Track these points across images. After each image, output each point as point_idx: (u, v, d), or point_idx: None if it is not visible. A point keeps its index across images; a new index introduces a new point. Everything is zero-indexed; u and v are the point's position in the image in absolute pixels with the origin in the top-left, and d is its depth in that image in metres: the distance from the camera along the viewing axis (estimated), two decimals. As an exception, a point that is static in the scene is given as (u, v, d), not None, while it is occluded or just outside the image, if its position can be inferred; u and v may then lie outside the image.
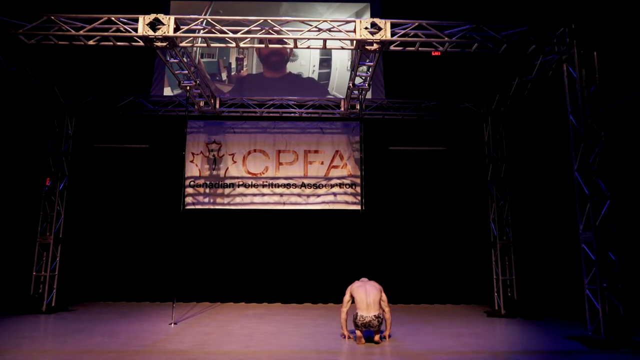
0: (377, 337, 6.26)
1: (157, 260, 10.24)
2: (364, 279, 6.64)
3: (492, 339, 6.75)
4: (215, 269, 10.36)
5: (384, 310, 6.33)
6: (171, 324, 7.62)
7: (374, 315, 6.17)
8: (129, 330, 7.10)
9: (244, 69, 10.92)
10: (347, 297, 6.43)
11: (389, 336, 6.50)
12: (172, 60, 7.96)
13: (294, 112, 10.23)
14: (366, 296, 6.26)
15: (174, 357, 5.44)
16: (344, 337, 6.55)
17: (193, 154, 10.41)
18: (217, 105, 10.04)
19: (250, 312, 9.08)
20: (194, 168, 10.38)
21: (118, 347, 5.92)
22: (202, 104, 9.87)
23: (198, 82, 8.63)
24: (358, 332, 6.26)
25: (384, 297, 6.39)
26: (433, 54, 7.75)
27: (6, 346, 5.91)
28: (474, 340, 6.52)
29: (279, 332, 7.13)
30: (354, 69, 8.10)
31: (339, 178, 10.32)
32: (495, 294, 9.35)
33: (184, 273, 9.76)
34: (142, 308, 9.39)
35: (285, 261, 10.41)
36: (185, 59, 8.02)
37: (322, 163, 10.37)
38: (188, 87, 8.61)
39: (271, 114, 10.26)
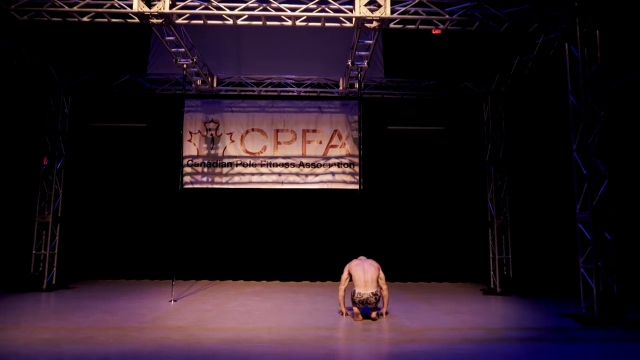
0: (374, 314, 6.34)
1: (156, 238, 10.30)
2: (362, 257, 6.69)
3: (487, 316, 6.85)
4: (214, 248, 10.43)
5: (381, 288, 6.40)
6: (171, 301, 7.71)
7: (372, 293, 6.25)
8: (128, 307, 7.18)
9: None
10: (345, 275, 6.49)
11: (386, 313, 6.58)
12: (169, 37, 7.85)
13: (292, 91, 10.15)
14: (364, 274, 6.32)
15: (174, 334, 5.53)
16: (342, 314, 6.63)
17: (191, 133, 10.36)
18: (215, 84, 9.95)
19: (248, 290, 9.17)
20: (192, 147, 10.35)
21: (118, 324, 6.00)
22: (199, 82, 9.77)
23: (195, 60, 8.53)
24: (355, 309, 6.34)
25: (382, 275, 6.44)
26: (433, 32, 7.64)
27: (8, 323, 5.99)
28: (469, 317, 6.61)
29: (277, 309, 7.22)
30: (352, 47, 8.01)
31: (337, 157, 10.31)
32: (492, 273, 9.46)
33: (183, 251, 9.83)
34: (142, 286, 9.48)
35: (284, 240, 10.49)
36: (182, 36, 7.91)
37: (320, 142, 10.35)
38: (185, 65, 8.51)
39: (269, 93, 10.18)
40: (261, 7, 7.01)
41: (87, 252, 10.35)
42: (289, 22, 7.17)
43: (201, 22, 7.28)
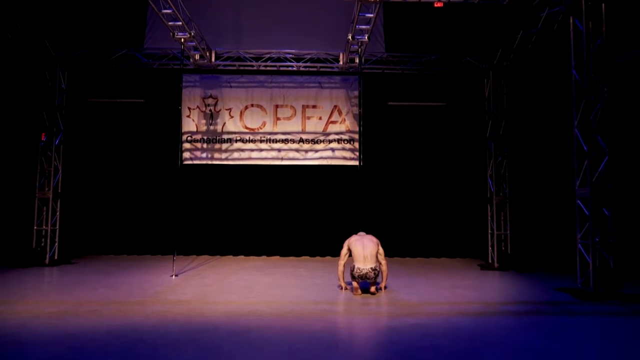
0: (373, 289, 6.41)
1: (157, 214, 10.35)
2: (362, 233, 6.74)
3: (484, 290, 6.95)
4: (214, 223, 10.49)
5: (380, 263, 6.45)
6: (172, 276, 7.79)
7: (371, 268, 6.31)
8: (130, 282, 7.27)
9: None
10: (344, 250, 6.54)
11: (385, 287, 6.66)
12: (165, 10, 7.70)
13: (292, 66, 10.02)
14: (363, 249, 6.37)
15: (176, 307, 5.61)
16: (341, 289, 6.71)
17: (189, 108, 10.29)
18: (213, 59, 9.82)
19: (249, 265, 9.27)
20: (191, 123, 10.29)
21: (120, 298, 6.08)
22: (197, 57, 9.65)
23: (193, 34, 8.40)
24: (355, 284, 6.41)
25: (381, 250, 6.50)
26: (435, 5, 7.48)
27: (13, 297, 6.08)
28: (467, 292, 6.70)
29: (277, 283, 7.30)
30: (353, 21, 7.87)
31: (337, 133, 10.27)
32: (490, 248, 9.54)
33: (183, 227, 9.89)
34: (143, 261, 9.57)
35: (284, 215, 10.54)
36: (178, 9, 7.77)
37: (320, 118, 10.28)
38: (182, 40, 8.38)
39: (268, 68, 10.06)
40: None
41: (89, 228, 10.42)
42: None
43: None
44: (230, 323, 4.92)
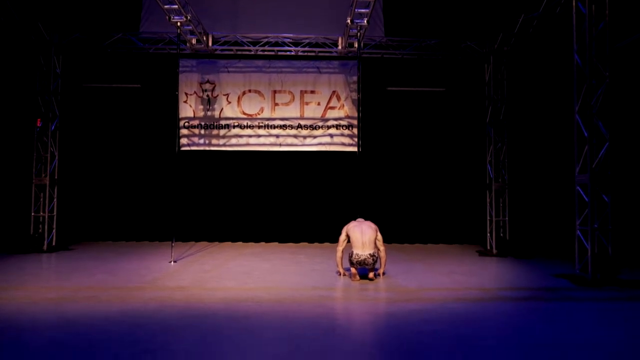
0: (371, 275, 6.44)
1: (154, 200, 10.33)
2: (360, 219, 6.73)
3: (483, 276, 6.97)
4: (212, 210, 10.48)
5: (378, 249, 6.47)
6: (170, 262, 7.80)
7: (369, 254, 6.32)
8: (129, 268, 7.28)
9: None
10: (342, 237, 6.55)
11: (383, 274, 6.68)
12: (161, -8, 7.57)
13: (290, 51, 9.91)
14: (362, 235, 6.37)
15: (174, 293, 5.62)
16: (340, 275, 6.74)
17: (186, 94, 10.20)
18: (210, 43, 9.70)
19: (247, 251, 9.28)
20: (188, 109, 10.21)
21: (119, 284, 6.09)
22: (194, 41, 9.52)
23: (189, 17, 8.27)
24: (353, 270, 6.43)
25: (379, 236, 6.50)
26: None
27: (12, 283, 6.08)
28: (465, 278, 6.73)
29: (276, 270, 7.32)
30: (352, 4, 7.75)
31: (335, 119, 10.21)
32: (488, 235, 9.56)
33: (181, 213, 9.87)
34: (141, 247, 9.58)
35: (282, 202, 10.53)
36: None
37: (318, 104, 10.22)
38: (178, 23, 8.25)
39: (266, 53, 9.94)
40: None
41: (87, 214, 10.40)
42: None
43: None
44: (229, 309, 4.93)
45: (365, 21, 8.05)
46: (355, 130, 10.09)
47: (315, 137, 10.25)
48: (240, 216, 10.52)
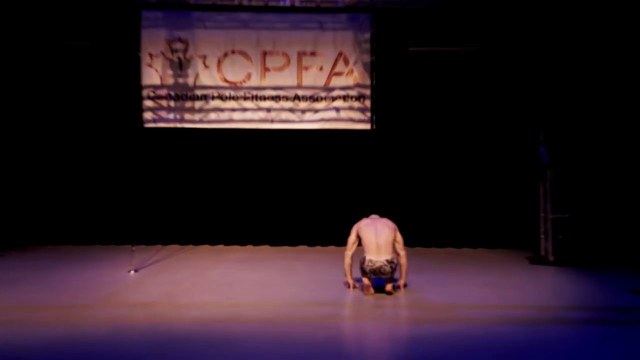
0: (389, 287, 6.43)
1: (109, 193, 10.27)
2: (374, 216, 6.73)
3: (535, 290, 6.92)
4: (185, 204, 10.43)
5: (398, 255, 6.48)
6: (130, 271, 7.78)
7: (386, 260, 6.29)
8: (76, 280, 7.25)
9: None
10: (352, 238, 6.55)
11: (405, 286, 6.67)
12: None
13: (284, 0, 9.83)
14: (376, 236, 6.35)
15: (135, 312, 5.62)
16: (348, 287, 6.72)
17: (151, 55, 10.08)
18: (181, -11, 9.64)
19: (231, 257, 9.27)
20: (153, 74, 10.11)
21: (63, 301, 6.08)
22: (160, -14, 9.44)
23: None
24: (366, 281, 6.44)
25: (399, 237, 6.50)
26: None
27: None
28: (511, 292, 6.69)
29: (267, 280, 7.31)
30: None
31: (342, 88, 10.15)
32: (542, 236, 9.47)
33: (145, 209, 9.79)
34: (92, 253, 9.53)
35: (275, 194, 10.48)
36: None
37: (320, 69, 10.16)
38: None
39: (253, 3, 9.87)
40: None
41: (20, 212, 10.30)
42: None
43: None
44: (206, 331, 4.93)
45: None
46: (367, 103, 10.05)
47: (316, 111, 10.20)
48: (221, 212, 10.47)
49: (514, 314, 5.69)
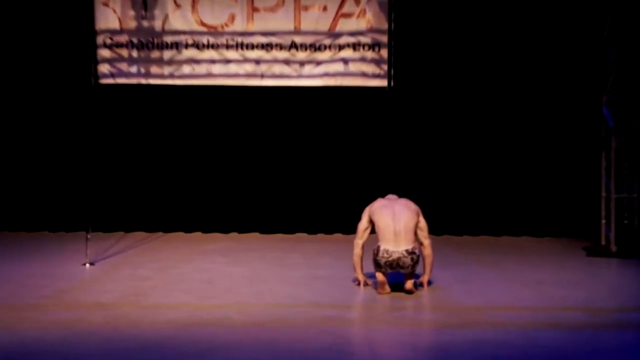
0: (409, 284, 6.43)
1: (58, 168, 10.37)
2: (392, 197, 6.76)
3: (592, 289, 6.96)
4: (153, 182, 10.52)
5: (421, 244, 6.47)
6: (85, 264, 7.83)
7: (406, 251, 6.27)
8: (17, 274, 7.30)
9: None
10: (363, 224, 6.55)
11: (429, 283, 6.69)
12: None
13: None
14: (394, 221, 6.33)
15: (92, 314, 5.64)
16: (358, 284, 6.76)
17: (107, -9, 10.08)
18: None
19: (210, 247, 9.35)
20: (110, 16, 10.10)
21: (3, 300, 6.11)
22: None
23: None
24: (380, 276, 6.41)
25: (423, 223, 6.51)
26: None
27: None
28: (562, 291, 6.71)
29: (256, 276, 7.35)
30: None
31: (352, 34, 10.15)
32: (603, 222, 9.51)
33: (102, 188, 9.88)
34: (37, 241, 9.64)
35: (266, 169, 10.56)
36: None
37: (324, 9, 10.15)
38: None
39: None
40: None
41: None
42: None
43: None
44: (182, 338, 4.94)
45: None
46: (384, 53, 10.00)
47: (319, 63, 10.18)
48: (198, 192, 10.57)
49: (562, 316, 5.69)
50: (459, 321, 5.57)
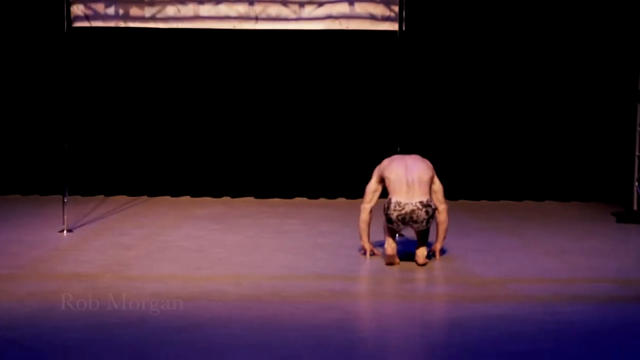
0: (420, 253, 6.46)
1: (29, 124, 10.38)
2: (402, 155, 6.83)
3: (621, 258, 7.02)
4: (135, 140, 10.55)
5: (436, 209, 6.43)
6: (63, 231, 7.90)
7: (420, 202, 6.25)
8: (-11, 241, 7.38)
9: None
10: (372, 185, 6.60)
11: (442, 252, 6.75)
12: None
13: None
14: (407, 173, 6.37)
15: (70, 285, 5.68)
16: (364, 253, 6.81)
17: None
18: None
19: (200, 213, 9.41)
20: (85, -51, 9.99)
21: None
22: None
23: None
24: (390, 244, 6.44)
25: (438, 184, 6.56)
26: None
27: None
28: (589, 261, 6.77)
29: (251, 244, 7.42)
30: None
31: (358, -30, 10.01)
32: (636, 184, 9.53)
33: (79, 147, 9.92)
34: (9, 205, 9.73)
35: (262, 125, 10.57)
36: None
37: (327, -60, 9.98)
38: None
39: None
40: None
41: None
42: None
43: None
44: (167, 312, 4.97)
45: None
46: (394, -7, 9.91)
47: (321, 4, 10.05)
48: (185, 151, 10.59)
49: (588, 289, 5.75)
50: (474, 295, 5.62)
